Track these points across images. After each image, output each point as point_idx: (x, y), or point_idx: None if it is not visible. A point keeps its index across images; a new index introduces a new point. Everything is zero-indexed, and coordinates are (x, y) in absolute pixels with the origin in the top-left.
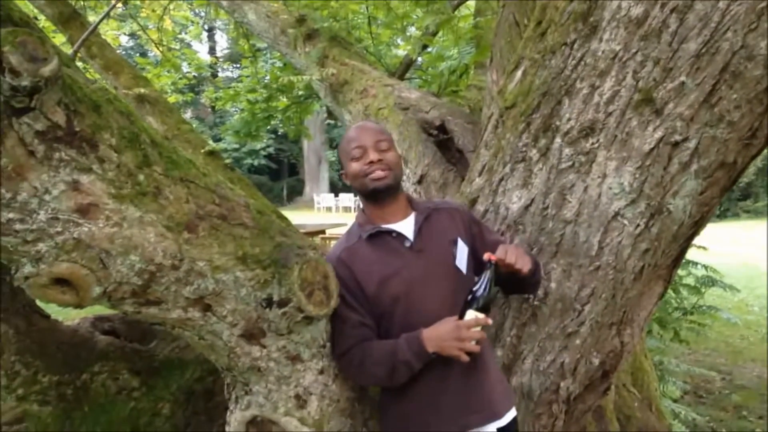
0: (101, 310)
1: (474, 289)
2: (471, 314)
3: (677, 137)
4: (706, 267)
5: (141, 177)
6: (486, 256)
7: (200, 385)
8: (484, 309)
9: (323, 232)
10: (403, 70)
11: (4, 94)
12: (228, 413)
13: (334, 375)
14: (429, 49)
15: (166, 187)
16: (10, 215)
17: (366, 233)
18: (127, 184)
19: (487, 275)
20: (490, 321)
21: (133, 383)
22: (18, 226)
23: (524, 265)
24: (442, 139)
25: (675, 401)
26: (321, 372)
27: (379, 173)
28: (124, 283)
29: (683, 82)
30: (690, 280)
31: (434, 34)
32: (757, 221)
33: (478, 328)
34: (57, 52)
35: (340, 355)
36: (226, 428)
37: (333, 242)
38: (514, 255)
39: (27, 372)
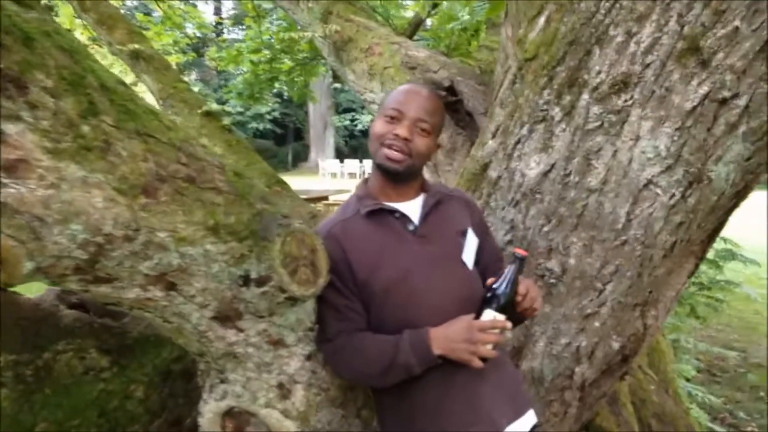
0: None
1: (494, 286)
2: (489, 314)
3: (725, 93)
4: (725, 239)
5: (85, 128)
6: (517, 249)
7: (179, 365)
8: (504, 309)
9: (326, 198)
10: (412, 30)
11: None
12: (201, 403)
13: (324, 361)
14: (434, 12)
15: (117, 142)
16: None
17: (365, 209)
18: (66, 136)
19: (510, 272)
20: (509, 324)
21: (102, 363)
22: None
23: (539, 307)
24: (450, 101)
25: (688, 380)
26: (308, 358)
27: (395, 153)
28: (65, 258)
29: (737, 28)
30: (708, 254)
31: None
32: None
33: (496, 331)
34: None
35: (324, 341)
36: (198, 419)
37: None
38: (536, 292)
39: None
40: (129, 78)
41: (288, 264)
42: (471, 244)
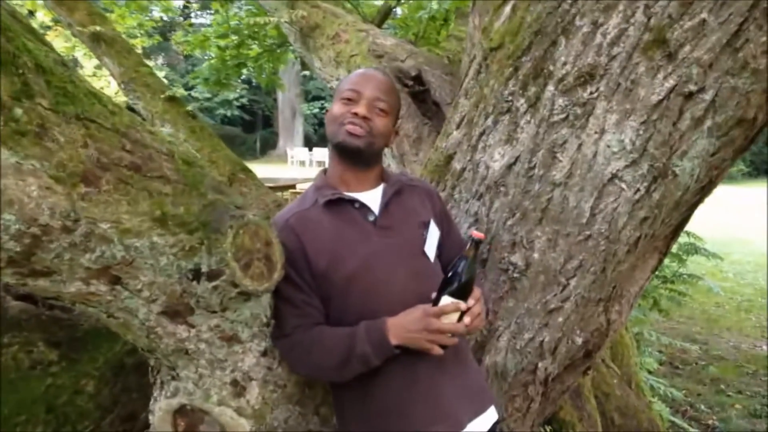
0: None
1: (450, 269)
2: (446, 300)
3: (692, 87)
4: (688, 233)
5: (19, 111)
6: (474, 233)
7: (132, 359)
8: (461, 292)
9: (294, 186)
10: (381, 19)
11: None
12: (152, 400)
13: (280, 356)
14: (404, 0)
15: (54, 127)
16: None
17: (324, 199)
18: None
19: (468, 254)
20: (463, 305)
21: (51, 357)
22: None
23: (479, 324)
24: (417, 91)
25: (651, 373)
26: (264, 354)
27: (356, 129)
28: None
29: (704, 20)
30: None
31: None
32: (729, 186)
33: (454, 318)
34: None
35: (280, 337)
36: (149, 418)
37: None
38: (477, 310)
39: None
40: (93, 61)
41: (241, 257)
42: (433, 236)
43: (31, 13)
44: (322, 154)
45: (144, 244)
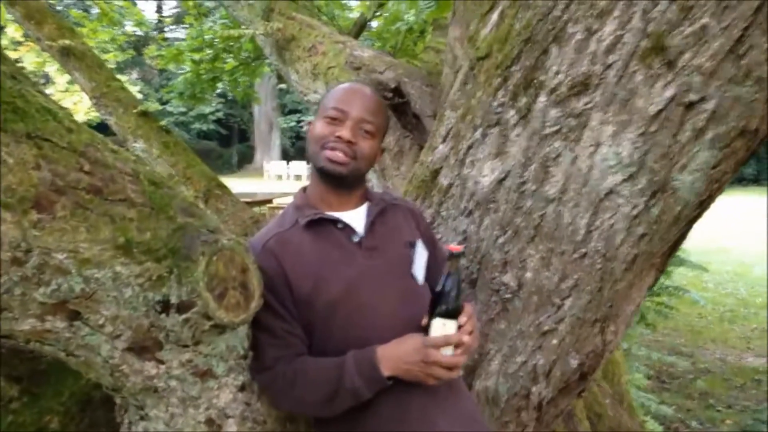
0: None
1: (437, 290)
2: (438, 325)
3: (693, 97)
4: None
5: None
6: (451, 247)
7: (100, 392)
8: (453, 314)
9: (270, 201)
10: (357, 31)
11: None
12: None
13: (259, 391)
14: (379, 13)
15: (2, 147)
16: None
17: (305, 219)
18: None
19: (451, 270)
20: (465, 338)
21: (11, 392)
22: None
23: (472, 342)
24: (397, 103)
25: (640, 389)
26: (241, 389)
27: (339, 155)
28: None
29: (705, 25)
30: None
31: None
32: None
33: (449, 350)
34: None
35: (261, 370)
36: None
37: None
38: (470, 327)
39: None
40: (66, 77)
41: (214, 287)
42: (421, 256)
43: (1, 28)
44: (300, 167)
45: (106, 274)
